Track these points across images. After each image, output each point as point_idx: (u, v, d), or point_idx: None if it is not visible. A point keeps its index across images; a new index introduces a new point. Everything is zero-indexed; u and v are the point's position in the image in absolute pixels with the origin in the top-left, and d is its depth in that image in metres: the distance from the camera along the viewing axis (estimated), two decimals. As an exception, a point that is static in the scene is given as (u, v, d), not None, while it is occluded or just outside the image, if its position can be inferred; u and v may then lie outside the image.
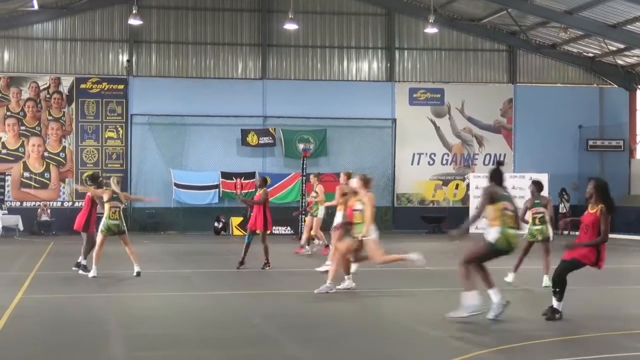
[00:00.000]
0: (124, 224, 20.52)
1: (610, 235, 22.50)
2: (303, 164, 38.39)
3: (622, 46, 41.54)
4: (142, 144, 41.12)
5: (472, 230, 14.03)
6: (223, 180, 41.20)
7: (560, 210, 41.31)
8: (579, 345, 11.53)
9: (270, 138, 41.87)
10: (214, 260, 25.60)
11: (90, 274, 19.82)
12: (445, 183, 43.70)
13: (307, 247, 27.57)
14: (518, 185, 40.87)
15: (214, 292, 17.52)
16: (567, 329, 12.67)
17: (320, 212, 27.05)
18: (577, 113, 44.42)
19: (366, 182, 16.72)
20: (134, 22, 38.77)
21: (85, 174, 38.51)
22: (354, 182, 17.37)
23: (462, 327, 12.99)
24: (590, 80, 45.21)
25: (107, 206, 20.13)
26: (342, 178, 21.53)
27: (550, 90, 44.59)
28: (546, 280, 18.01)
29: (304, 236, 27.94)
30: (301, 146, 40.62)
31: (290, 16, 38.92)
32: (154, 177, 40.75)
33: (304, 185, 37.92)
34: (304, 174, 38.10)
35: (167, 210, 40.71)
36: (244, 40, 42.66)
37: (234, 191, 41.05)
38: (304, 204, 37.56)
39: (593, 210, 13.47)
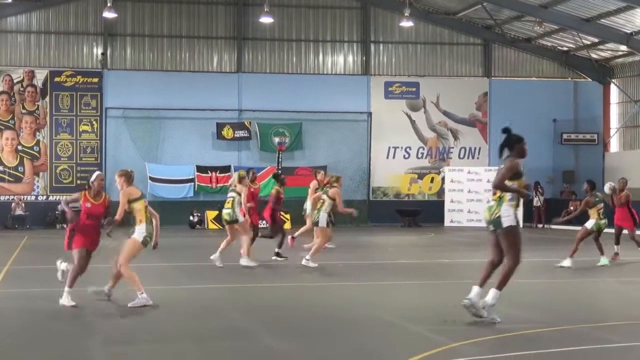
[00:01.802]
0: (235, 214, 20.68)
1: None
2: (278, 157, 38.41)
3: (596, 40, 41.75)
4: (116, 138, 40.97)
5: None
6: (198, 174, 41.12)
7: (534, 204, 41.49)
8: (553, 338, 11.58)
9: (246, 132, 41.81)
10: (189, 254, 25.54)
11: (245, 263, 20.30)
12: (421, 176, 43.78)
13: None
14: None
15: (190, 286, 17.49)
16: (543, 322, 12.73)
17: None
18: (551, 107, 44.60)
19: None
20: (109, 15, 38.60)
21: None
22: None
23: (439, 320, 13.03)
24: (564, 74, 45.40)
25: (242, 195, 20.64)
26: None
27: (525, 84, 44.75)
28: (604, 260, 21.39)
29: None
30: (277, 140, 40.60)
31: (265, 9, 38.92)
32: (129, 171, 40.52)
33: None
34: (280, 167, 38.06)
35: (142, 204, 40.48)
36: (219, 34, 42.57)
37: (210, 185, 40.99)
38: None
39: None
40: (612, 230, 23.03)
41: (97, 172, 15.33)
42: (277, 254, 22.35)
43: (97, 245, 14.75)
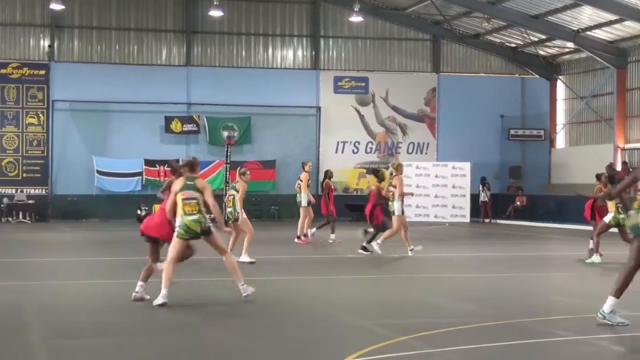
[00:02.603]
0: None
1: (531, 224, 22.83)
2: (227, 151, 38.27)
3: (543, 37, 42.11)
4: (63, 131, 40.56)
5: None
6: (146, 167, 40.87)
7: (481, 199, 41.78)
8: (497, 331, 11.66)
9: (194, 125, 41.65)
10: (136, 248, 25.34)
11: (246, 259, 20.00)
12: (369, 171, 43.85)
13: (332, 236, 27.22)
14: (441, 174, 41.38)
15: (136, 280, 17.35)
16: (488, 315, 12.83)
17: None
18: (499, 102, 44.90)
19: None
20: (56, 6, 38.22)
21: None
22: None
23: (386, 314, 13.10)
24: (512, 70, 45.74)
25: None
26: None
27: (473, 80, 45.01)
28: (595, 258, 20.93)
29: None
30: (225, 134, 40.40)
31: (215, 2, 38.77)
32: (76, 164, 40.23)
33: (227, 172, 37.78)
34: (228, 161, 37.98)
35: (89, 197, 40.25)
36: (168, 27, 42.33)
37: (158, 179, 40.79)
38: (226, 192, 37.46)
39: None
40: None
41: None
42: (364, 248, 22.73)
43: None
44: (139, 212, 39.58)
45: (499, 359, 10.21)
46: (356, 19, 41.29)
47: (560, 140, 45.40)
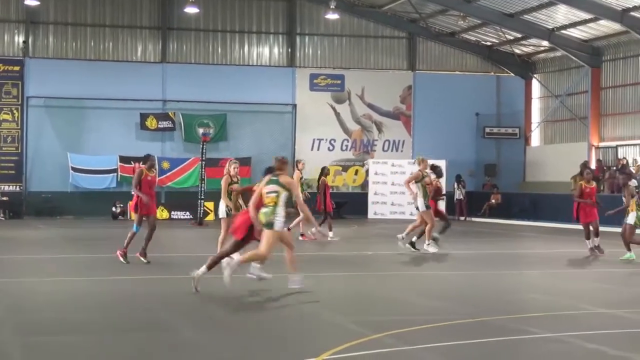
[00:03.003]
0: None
1: (506, 222, 22.92)
2: (203, 148, 38.21)
3: (519, 35, 42.28)
4: (38, 127, 40.37)
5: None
6: (121, 164, 40.73)
7: (456, 197, 41.90)
8: (472, 329, 11.71)
9: (170, 122, 41.55)
10: (111, 246, 25.27)
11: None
12: (345, 169, 43.94)
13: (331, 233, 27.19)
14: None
15: (111, 277, 17.33)
16: (463, 313, 12.87)
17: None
18: (474, 100, 45.04)
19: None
20: (31, 2, 38.05)
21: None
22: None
23: (361, 312, 13.12)
24: (487, 69, 45.89)
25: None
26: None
27: (449, 78, 45.12)
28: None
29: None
30: (201, 131, 40.37)
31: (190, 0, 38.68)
32: (51, 161, 40.06)
33: (203, 170, 37.72)
34: (204, 158, 37.91)
35: (64, 194, 40.08)
36: (143, 23, 42.20)
37: (133, 175, 40.66)
38: (203, 189, 37.42)
39: None
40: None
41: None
42: (411, 244, 22.75)
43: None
44: (114, 209, 39.49)
45: (473, 356, 10.25)
46: (332, 16, 41.31)
47: (535, 139, 45.60)
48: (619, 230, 21.33)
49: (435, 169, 23.84)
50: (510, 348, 10.67)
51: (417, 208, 22.50)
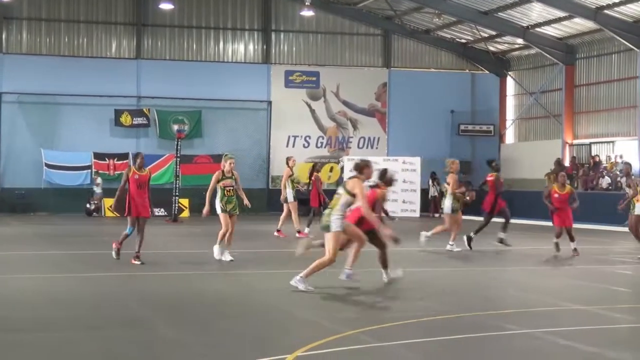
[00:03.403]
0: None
1: (480, 219, 23.04)
2: (177, 145, 38.10)
3: (493, 33, 42.39)
4: (11, 123, 40.12)
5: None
6: (96, 160, 40.57)
7: (430, 194, 41.98)
8: (447, 325, 11.74)
9: (144, 119, 41.41)
10: (85, 242, 25.23)
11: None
12: (320, 165, 43.89)
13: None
14: (391, 168, 41.38)
15: (86, 274, 17.26)
16: (439, 310, 12.90)
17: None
18: (449, 98, 45.14)
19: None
20: (4, -3, 37.83)
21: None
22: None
23: (336, 308, 13.12)
24: (462, 66, 46.00)
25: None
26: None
27: (424, 75, 45.19)
28: None
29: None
30: (175, 127, 40.18)
31: (165, -5, 38.60)
32: (24, 157, 39.84)
33: (178, 166, 37.61)
34: (178, 155, 37.81)
35: (38, 190, 39.87)
36: (118, 19, 42.02)
37: (107, 172, 40.56)
38: (178, 185, 37.30)
39: None
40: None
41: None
42: (501, 240, 22.83)
43: None
44: (88, 205, 39.31)
45: (448, 352, 10.28)
46: (307, 13, 41.28)
47: (510, 136, 45.77)
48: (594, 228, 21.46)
49: (490, 163, 23.92)
50: (485, 344, 10.70)
51: (442, 210, 22.49)
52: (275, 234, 26.82)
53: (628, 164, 25.48)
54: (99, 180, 39.53)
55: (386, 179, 17.92)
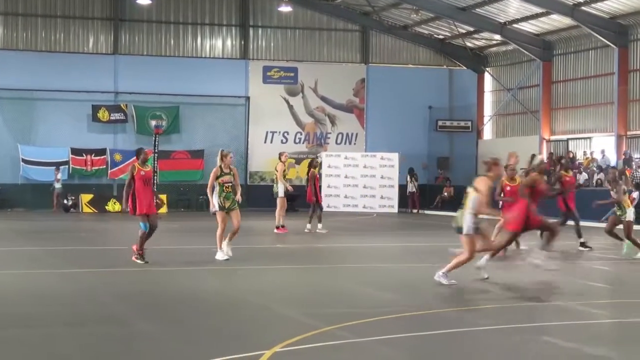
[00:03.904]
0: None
1: (454, 214, 23.04)
2: (155, 141, 38.03)
3: (471, 29, 42.48)
4: (-12, 119, 39.98)
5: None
6: (73, 156, 40.44)
7: (409, 190, 42.06)
8: (423, 321, 11.77)
9: (122, 114, 41.29)
10: (63, 238, 25.13)
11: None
12: (298, 161, 43.85)
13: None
14: (369, 164, 41.54)
15: (63, 270, 17.20)
16: (415, 305, 12.92)
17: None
18: (427, 94, 45.22)
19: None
20: (-20, -8, 37.60)
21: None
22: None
23: (313, 304, 13.14)
24: (440, 62, 46.09)
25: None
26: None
27: (402, 71, 45.26)
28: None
29: None
30: (153, 123, 40.18)
31: (143, -9, 38.47)
32: (1, 153, 39.65)
33: (155, 162, 37.51)
34: (156, 151, 37.72)
35: (14, 186, 39.70)
36: (95, 14, 41.86)
37: (85, 168, 40.42)
38: (156, 181, 37.17)
39: None
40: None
41: None
42: (583, 244, 21.89)
43: None
44: (65, 201, 39.15)
45: (424, 348, 10.30)
46: (285, 8, 41.28)
47: (487, 132, 45.88)
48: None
49: (559, 158, 23.57)
50: (461, 340, 10.73)
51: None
52: (276, 231, 26.68)
53: (616, 170, 24.68)
54: (59, 175, 39.29)
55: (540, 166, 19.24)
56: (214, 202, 18.64)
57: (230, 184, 18.73)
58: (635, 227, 22.62)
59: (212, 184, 18.72)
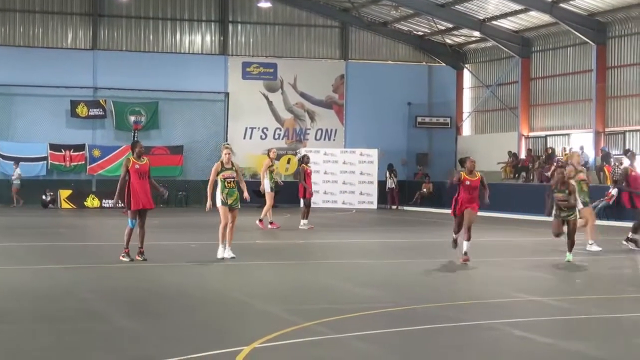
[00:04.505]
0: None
1: (438, 210, 23.03)
2: (134, 136, 37.93)
3: (450, 25, 42.56)
4: (-34, 114, 39.78)
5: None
6: (51, 152, 40.29)
7: (388, 186, 42.11)
8: (403, 317, 11.81)
9: (101, 110, 41.16)
10: (41, 234, 25.06)
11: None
12: (278, 157, 43.76)
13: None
14: (348, 160, 41.59)
15: (42, 266, 17.17)
16: (394, 301, 12.97)
17: None
18: (406, 90, 45.28)
19: None
20: (-42, -13, 37.41)
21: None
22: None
23: (293, 300, 13.17)
24: (419, 58, 46.17)
25: None
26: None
27: (381, 68, 45.31)
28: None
29: None
30: (132, 119, 40.09)
31: (122, -14, 38.35)
32: (-21, 148, 39.52)
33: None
34: (135, 146, 37.54)
35: (-7, 182, 39.56)
36: (74, 9, 41.70)
37: (63, 164, 40.30)
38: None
39: None
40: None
41: None
42: (629, 239, 21.52)
43: None
44: (44, 197, 39.00)
45: (403, 344, 10.35)
46: (265, 4, 41.27)
47: (467, 128, 46.02)
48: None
49: (628, 153, 23.65)
50: (440, 336, 10.78)
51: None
52: (270, 226, 26.78)
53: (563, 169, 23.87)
54: (18, 170, 39.05)
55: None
56: (217, 197, 18.12)
57: (232, 180, 18.10)
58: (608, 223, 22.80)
59: (214, 179, 18.16)
